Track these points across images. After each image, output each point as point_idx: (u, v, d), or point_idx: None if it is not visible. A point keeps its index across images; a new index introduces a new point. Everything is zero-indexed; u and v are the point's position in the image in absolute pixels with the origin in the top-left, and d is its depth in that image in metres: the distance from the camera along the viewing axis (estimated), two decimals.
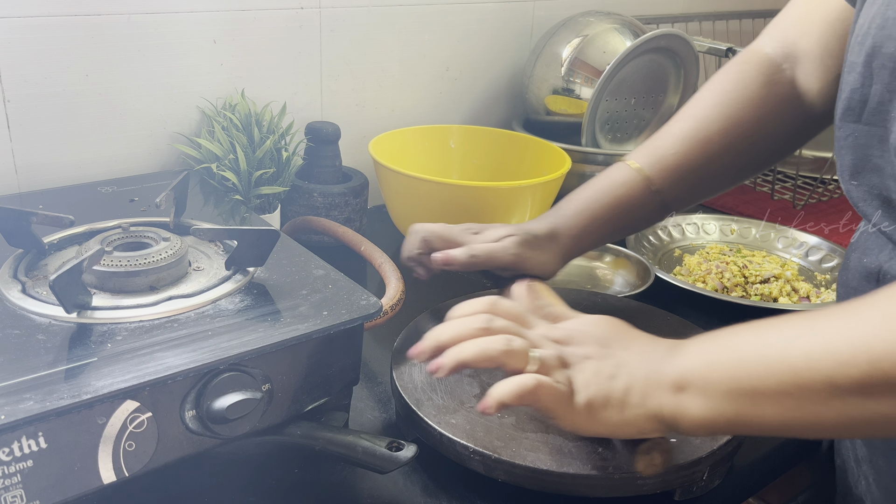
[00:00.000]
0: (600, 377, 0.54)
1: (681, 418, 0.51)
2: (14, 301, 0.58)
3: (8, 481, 0.46)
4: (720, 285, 0.94)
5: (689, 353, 0.52)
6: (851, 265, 0.63)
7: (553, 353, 0.55)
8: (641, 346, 0.56)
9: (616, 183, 0.74)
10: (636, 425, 0.53)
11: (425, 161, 1.10)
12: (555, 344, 0.56)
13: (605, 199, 0.74)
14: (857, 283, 0.61)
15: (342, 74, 1.08)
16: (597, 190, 0.75)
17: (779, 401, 0.47)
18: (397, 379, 0.66)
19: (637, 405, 0.52)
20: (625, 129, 1.18)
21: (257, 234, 0.64)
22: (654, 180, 0.73)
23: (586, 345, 0.56)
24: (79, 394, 0.48)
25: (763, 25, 1.69)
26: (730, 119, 0.72)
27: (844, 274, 0.64)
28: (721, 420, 0.50)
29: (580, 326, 0.58)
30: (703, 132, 0.73)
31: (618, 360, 0.54)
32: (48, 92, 0.86)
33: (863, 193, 0.58)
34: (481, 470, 0.59)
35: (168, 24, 0.91)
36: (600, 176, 0.76)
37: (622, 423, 0.53)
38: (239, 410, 0.54)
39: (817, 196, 1.25)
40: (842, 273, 0.65)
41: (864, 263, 0.60)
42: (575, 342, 0.57)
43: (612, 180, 0.74)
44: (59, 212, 0.68)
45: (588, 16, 1.17)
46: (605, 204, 0.74)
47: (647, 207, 0.74)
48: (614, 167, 0.76)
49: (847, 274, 0.63)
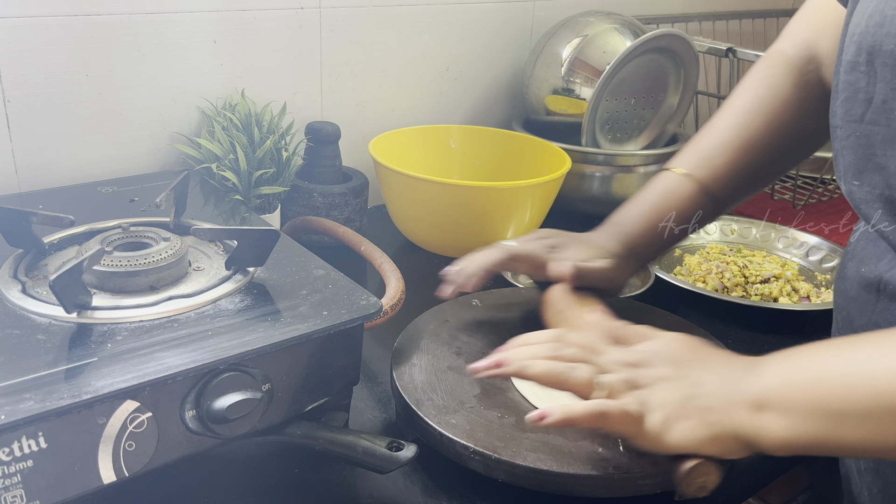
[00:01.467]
0: (676, 396, 0.54)
1: (762, 438, 0.51)
2: (14, 301, 0.58)
3: (8, 481, 0.46)
4: (720, 285, 0.94)
5: (769, 372, 0.52)
6: (849, 274, 0.62)
7: (622, 378, 0.55)
8: (719, 364, 0.56)
9: (672, 193, 0.75)
10: (714, 445, 0.53)
11: (425, 161, 1.10)
12: (628, 368, 0.57)
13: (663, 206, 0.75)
14: (855, 293, 0.61)
15: (342, 74, 1.08)
16: (654, 204, 0.76)
17: (861, 422, 0.47)
18: (397, 379, 0.66)
19: (715, 423, 0.52)
20: (625, 129, 1.18)
21: (257, 234, 0.64)
22: (707, 184, 0.75)
23: (661, 366, 0.56)
24: (79, 394, 0.48)
25: (762, 25, 1.69)
26: (771, 123, 0.74)
27: (842, 283, 0.64)
28: (802, 440, 0.50)
29: (655, 347, 0.58)
30: (747, 139, 0.74)
31: (694, 380, 0.55)
32: (48, 92, 0.86)
33: (864, 194, 0.57)
34: (481, 470, 0.59)
35: (168, 24, 0.91)
36: (651, 188, 0.77)
37: (699, 443, 0.53)
38: (239, 410, 0.54)
39: (817, 196, 1.25)
40: (838, 282, 0.65)
41: (863, 273, 0.60)
42: (649, 364, 0.57)
43: (667, 191, 0.76)
44: (59, 212, 0.68)
45: (588, 16, 1.17)
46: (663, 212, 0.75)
47: (702, 213, 0.76)
48: (661, 177, 0.77)
49: (844, 283, 0.63)
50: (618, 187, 1.14)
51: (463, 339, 0.73)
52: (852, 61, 0.56)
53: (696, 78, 1.19)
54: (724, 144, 0.75)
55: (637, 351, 0.59)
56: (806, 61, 0.74)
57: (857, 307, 0.60)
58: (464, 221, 0.96)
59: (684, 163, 0.76)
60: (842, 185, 0.60)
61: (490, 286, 0.83)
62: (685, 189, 0.75)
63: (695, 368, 0.56)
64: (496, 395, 0.65)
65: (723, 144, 0.75)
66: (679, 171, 0.76)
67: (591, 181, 1.14)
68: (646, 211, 0.76)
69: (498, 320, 0.77)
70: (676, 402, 0.53)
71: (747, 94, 0.76)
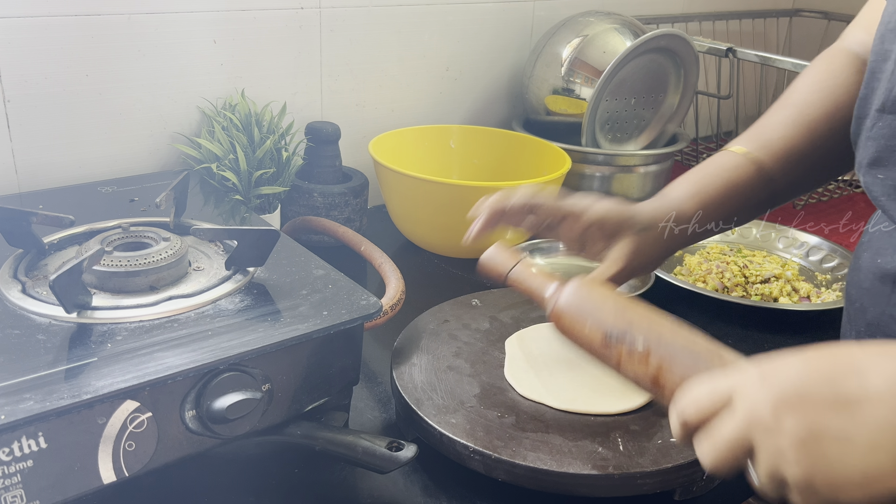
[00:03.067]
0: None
1: None
2: (14, 301, 0.58)
3: (8, 481, 0.46)
4: (721, 285, 0.94)
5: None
6: (863, 265, 0.61)
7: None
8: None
9: (726, 167, 0.71)
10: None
11: (425, 161, 1.10)
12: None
13: (716, 181, 0.70)
14: (869, 285, 0.60)
15: (342, 74, 1.08)
16: (707, 174, 0.71)
17: None
18: (397, 379, 0.66)
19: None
20: (625, 129, 1.18)
21: (257, 234, 0.64)
22: (764, 163, 0.71)
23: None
24: (79, 394, 0.48)
25: (762, 25, 1.69)
26: (831, 103, 0.71)
27: (855, 274, 0.63)
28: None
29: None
30: (806, 117, 0.71)
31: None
32: (48, 92, 0.86)
33: (886, 187, 0.57)
34: (481, 470, 0.59)
35: (168, 24, 0.91)
36: (706, 162, 0.73)
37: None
38: (239, 410, 0.54)
39: (817, 196, 1.25)
40: (852, 273, 0.64)
41: (879, 264, 0.59)
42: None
43: (721, 164, 0.71)
44: (59, 212, 0.68)
45: (588, 16, 1.17)
46: (717, 187, 0.70)
47: (758, 193, 0.71)
48: (718, 155, 0.73)
49: (858, 274, 0.62)
50: (618, 187, 1.14)
51: (463, 339, 0.73)
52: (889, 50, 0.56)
53: (696, 78, 1.19)
54: (782, 122, 0.72)
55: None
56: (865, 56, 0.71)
57: (870, 298, 0.59)
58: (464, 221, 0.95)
59: (742, 141, 0.72)
60: (861, 178, 0.59)
61: (490, 286, 0.83)
62: (740, 165, 0.70)
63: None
64: (496, 394, 0.65)
65: (781, 122, 0.72)
66: (737, 149, 0.71)
67: (591, 181, 1.14)
68: (695, 181, 0.71)
69: (498, 320, 0.77)
70: None
71: (806, 79, 0.73)
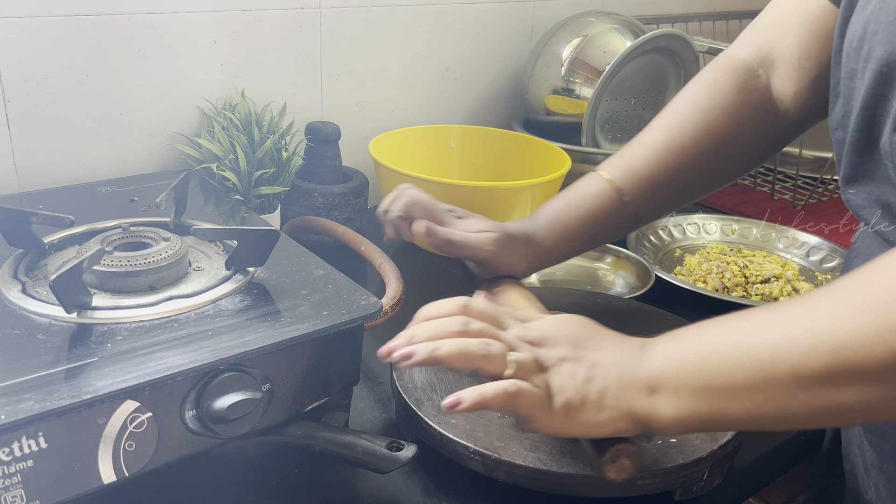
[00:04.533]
0: (576, 380, 0.53)
1: (654, 419, 0.51)
2: (14, 301, 0.58)
3: (8, 481, 0.46)
4: (721, 285, 0.94)
5: (658, 353, 0.52)
6: (854, 267, 0.62)
7: (529, 357, 0.54)
8: (612, 346, 0.55)
9: (588, 195, 0.74)
10: (612, 426, 0.53)
11: (425, 161, 1.10)
12: (529, 346, 0.56)
13: (576, 211, 0.74)
14: None
15: (342, 74, 1.08)
16: (569, 202, 0.75)
17: (748, 396, 0.47)
18: (397, 379, 0.66)
19: (613, 407, 0.52)
20: (625, 129, 1.18)
21: (257, 234, 0.64)
22: (625, 192, 0.73)
23: (559, 346, 0.55)
24: (79, 394, 0.48)
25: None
26: (702, 128, 0.72)
27: None
28: (693, 419, 0.50)
29: (551, 327, 0.57)
30: (675, 142, 0.72)
31: (591, 362, 0.54)
32: (48, 92, 0.86)
33: (861, 200, 0.58)
34: (481, 470, 0.59)
35: (168, 24, 0.91)
36: (573, 186, 0.76)
37: (598, 425, 0.53)
38: (239, 410, 0.54)
39: (817, 196, 1.25)
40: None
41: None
42: (548, 343, 0.56)
43: (584, 192, 0.74)
44: (59, 212, 0.68)
45: (588, 16, 1.17)
46: (576, 216, 0.74)
47: (617, 219, 0.74)
48: (587, 177, 0.75)
49: None
50: None
51: None
52: (853, 68, 0.56)
53: None
54: (650, 147, 0.73)
55: (535, 329, 0.57)
56: (757, 64, 0.73)
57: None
58: None
59: (610, 166, 0.74)
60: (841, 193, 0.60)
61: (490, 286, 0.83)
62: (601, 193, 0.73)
63: (591, 349, 0.55)
64: None
65: (648, 147, 0.73)
66: (603, 174, 0.74)
67: None
68: (558, 209, 0.74)
69: None
70: (577, 386, 0.53)
71: (684, 98, 0.74)
